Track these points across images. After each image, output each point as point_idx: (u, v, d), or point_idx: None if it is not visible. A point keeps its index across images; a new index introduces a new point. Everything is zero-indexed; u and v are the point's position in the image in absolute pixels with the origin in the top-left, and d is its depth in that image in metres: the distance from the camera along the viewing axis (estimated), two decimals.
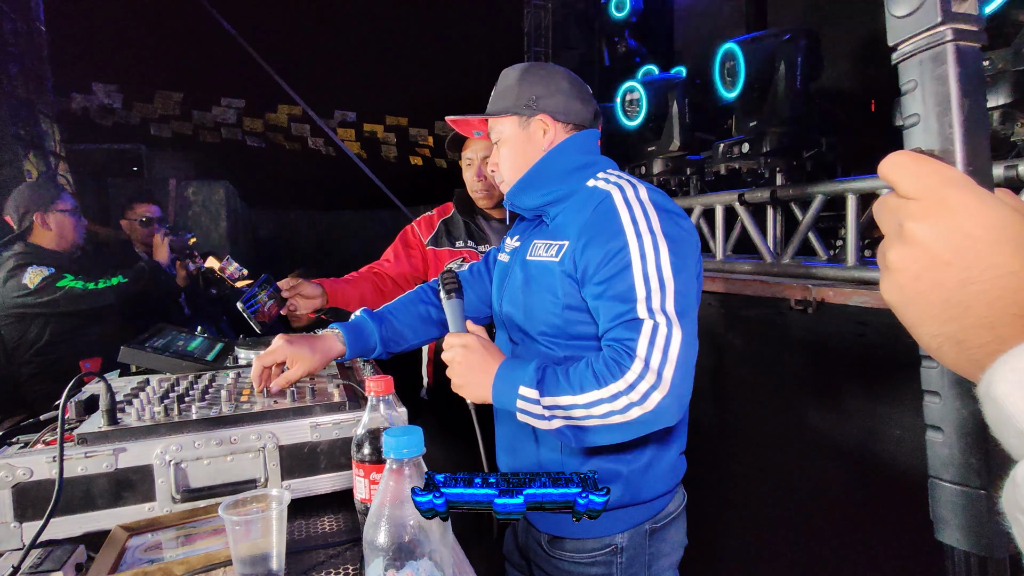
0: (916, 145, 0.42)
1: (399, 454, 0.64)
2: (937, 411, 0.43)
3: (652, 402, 0.99)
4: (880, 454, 1.68)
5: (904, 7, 0.41)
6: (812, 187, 2.33)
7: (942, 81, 0.40)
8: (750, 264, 2.55)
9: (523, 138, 1.25)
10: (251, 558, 0.83)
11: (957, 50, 0.40)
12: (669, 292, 1.03)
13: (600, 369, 1.01)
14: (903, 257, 0.39)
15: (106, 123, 6.47)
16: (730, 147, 2.48)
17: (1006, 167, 1.59)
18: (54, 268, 2.45)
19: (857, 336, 1.77)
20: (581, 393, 1.01)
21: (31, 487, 0.96)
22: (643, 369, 0.99)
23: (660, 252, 1.05)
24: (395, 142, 8.50)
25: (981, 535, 0.41)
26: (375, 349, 1.36)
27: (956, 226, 0.37)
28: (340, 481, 1.14)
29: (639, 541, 1.18)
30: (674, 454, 1.22)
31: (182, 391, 1.23)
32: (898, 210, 0.39)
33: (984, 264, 0.35)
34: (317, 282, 1.80)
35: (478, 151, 1.94)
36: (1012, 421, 0.31)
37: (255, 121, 7.64)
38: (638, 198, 1.11)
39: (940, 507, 0.43)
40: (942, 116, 0.40)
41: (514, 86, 1.24)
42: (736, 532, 2.32)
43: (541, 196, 1.23)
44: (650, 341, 1.00)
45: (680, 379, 1.00)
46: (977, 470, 0.41)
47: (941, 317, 0.37)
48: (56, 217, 2.60)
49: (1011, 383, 0.31)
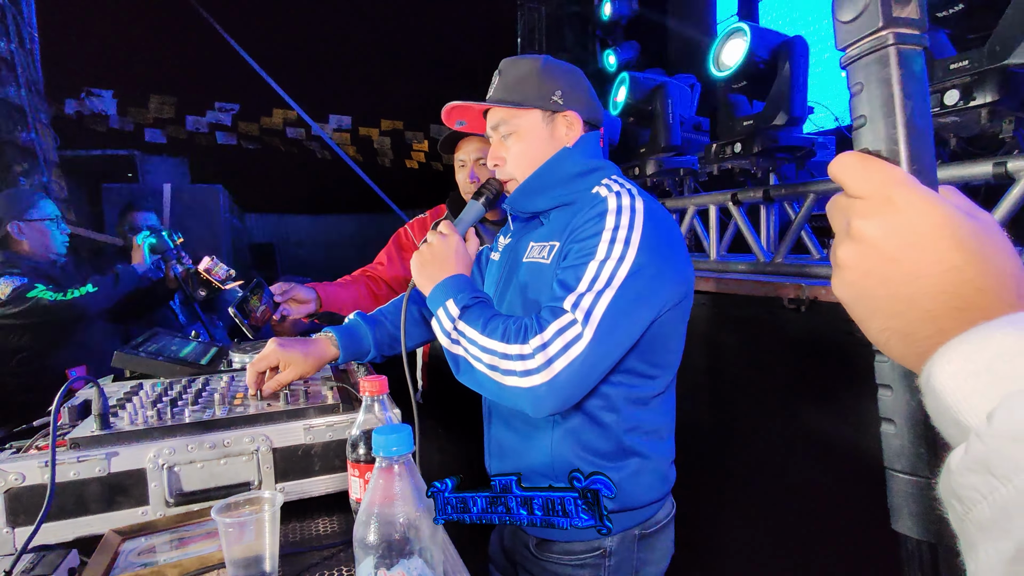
0: (864, 146, 0.43)
1: (388, 452, 0.64)
2: (889, 404, 0.44)
3: (530, 382, 0.98)
4: (873, 451, 1.68)
5: (849, 12, 0.42)
6: (804, 186, 2.34)
7: (886, 83, 0.41)
8: (744, 263, 2.56)
9: (544, 134, 1.21)
10: (244, 560, 0.83)
11: (899, 53, 0.41)
12: (604, 301, 1.00)
13: (513, 328, 1.02)
14: (852, 254, 0.40)
15: (100, 129, 6.46)
16: (722, 147, 2.48)
17: (995, 164, 1.60)
18: (27, 278, 2.42)
19: (847, 334, 1.78)
20: (488, 337, 1.03)
21: (23, 492, 0.95)
22: (539, 349, 0.98)
23: (622, 264, 1.02)
24: (390, 146, 8.50)
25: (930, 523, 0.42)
26: (369, 352, 1.36)
27: (901, 223, 0.38)
28: (334, 483, 1.14)
29: (628, 546, 1.18)
30: (665, 463, 1.21)
31: (175, 395, 1.23)
32: (847, 209, 0.41)
33: (928, 260, 0.37)
34: (310, 286, 1.80)
35: (471, 152, 1.93)
36: (949, 411, 0.32)
37: (250, 125, 7.63)
38: (632, 207, 1.08)
39: (894, 497, 0.45)
40: (887, 117, 0.41)
41: (535, 78, 1.19)
42: (727, 530, 2.33)
43: (550, 199, 1.21)
44: (558, 332, 0.99)
45: (567, 380, 0.98)
46: (926, 460, 0.42)
47: (888, 312, 0.38)
48: (31, 226, 2.57)
49: (948, 374, 0.32)
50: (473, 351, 1.04)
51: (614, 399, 1.13)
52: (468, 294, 1.10)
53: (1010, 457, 0.27)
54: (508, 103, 1.21)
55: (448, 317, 1.09)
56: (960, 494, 0.29)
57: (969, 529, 0.29)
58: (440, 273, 1.14)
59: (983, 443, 0.28)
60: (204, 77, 7.16)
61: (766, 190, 2.44)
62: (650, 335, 1.10)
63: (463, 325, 1.06)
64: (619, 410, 1.13)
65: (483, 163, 1.91)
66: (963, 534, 0.30)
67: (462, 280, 1.13)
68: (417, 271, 1.18)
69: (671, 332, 1.15)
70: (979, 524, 0.28)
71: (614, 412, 1.13)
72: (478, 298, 1.10)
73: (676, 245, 1.13)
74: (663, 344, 1.15)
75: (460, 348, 1.07)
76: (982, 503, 0.28)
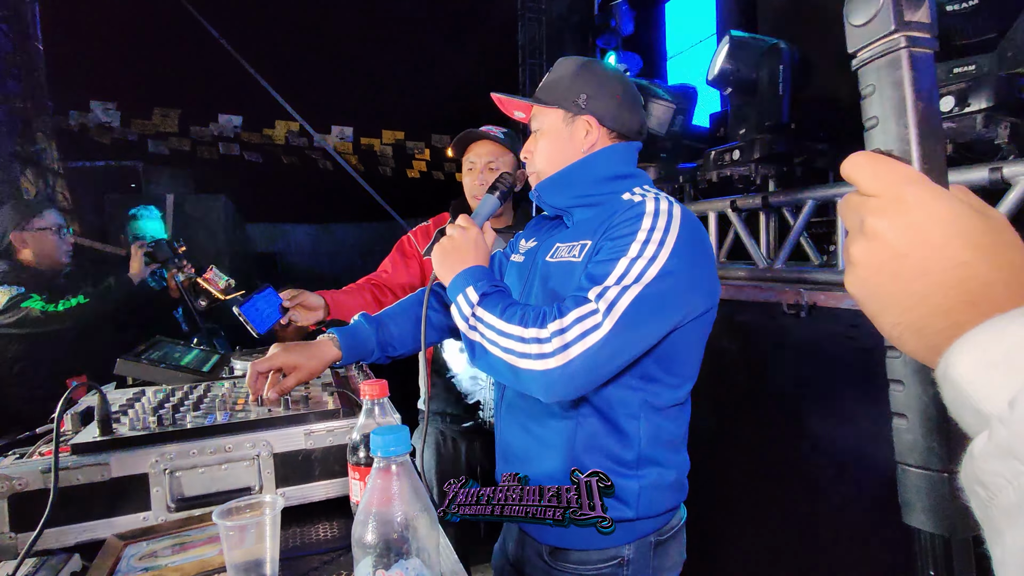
0: (876, 146, 0.44)
1: (386, 452, 0.65)
2: (901, 399, 0.45)
3: (544, 365, 0.99)
4: (875, 452, 1.69)
5: (861, 16, 0.44)
6: (803, 192, 2.36)
7: (897, 85, 0.42)
8: (744, 270, 2.57)
9: (564, 134, 1.24)
10: (245, 564, 0.84)
11: (910, 56, 0.42)
12: (629, 295, 1.01)
13: (532, 314, 1.04)
14: (865, 251, 0.41)
15: (104, 140, 6.50)
16: (721, 154, 2.50)
17: (991, 169, 1.61)
18: (24, 288, 2.43)
19: (848, 338, 1.78)
20: (506, 322, 1.04)
21: (26, 497, 0.96)
22: (557, 334, 0.99)
23: (653, 263, 1.03)
24: (392, 155, 8.53)
25: (944, 516, 0.43)
26: (373, 353, 1.35)
27: (913, 220, 0.39)
28: (335, 488, 1.15)
29: (644, 553, 1.16)
30: (682, 475, 1.21)
31: (177, 401, 1.24)
32: (859, 207, 0.41)
33: (939, 256, 0.38)
34: (319, 294, 1.80)
35: (482, 156, 1.94)
36: (968, 401, 0.32)
37: (253, 136, 7.68)
38: (670, 212, 1.09)
39: (906, 491, 0.45)
40: (899, 118, 0.43)
41: (567, 79, 1.23)
42: (732, 534, 2.32)
43: (572, 198, 1.24)
44: (578, 319, 1.00)
45: (581, 367, 0.99)
46: (938, 454, 0.43)
47: (901, 307, 0.39)
48: (33, 235, 2.58)
49: (966, 364, 0.33)
50: (490, 335, 1.06)
51: (635, 406, 1.13)
52: (488, 282, 1.13)
53: None
54: (540, 101, 1.25)
55: (467, 303, 1.11)
56: (984, 480, 0.30)
57: (994, 515, 0.29)
58: (460, 264, 1.17)
59: (1007, 428, 0.29)
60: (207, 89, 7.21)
61: (765, 197, 2.45)
62: (672, 343, 1.10)
63: (481, 311, 1.09)
64: (639, 417, 1.13)
65: (493, 167, 1.93)
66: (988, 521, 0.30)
67: (482, 269, 1.17)
68: (438, 263, 1.20)
69: (692, 343, 1.16)
70: (1005, 509, 0.28)
71: (635, 419, 1.13)
72: (497, 287, 1.13)
73: (707, 257, 1.14)
74: (684, 354, 1.15)
75: (477, 334, 1.08)
76: (1007, 488, 0.28)
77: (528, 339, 1.01)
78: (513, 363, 1.03)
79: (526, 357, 1.01)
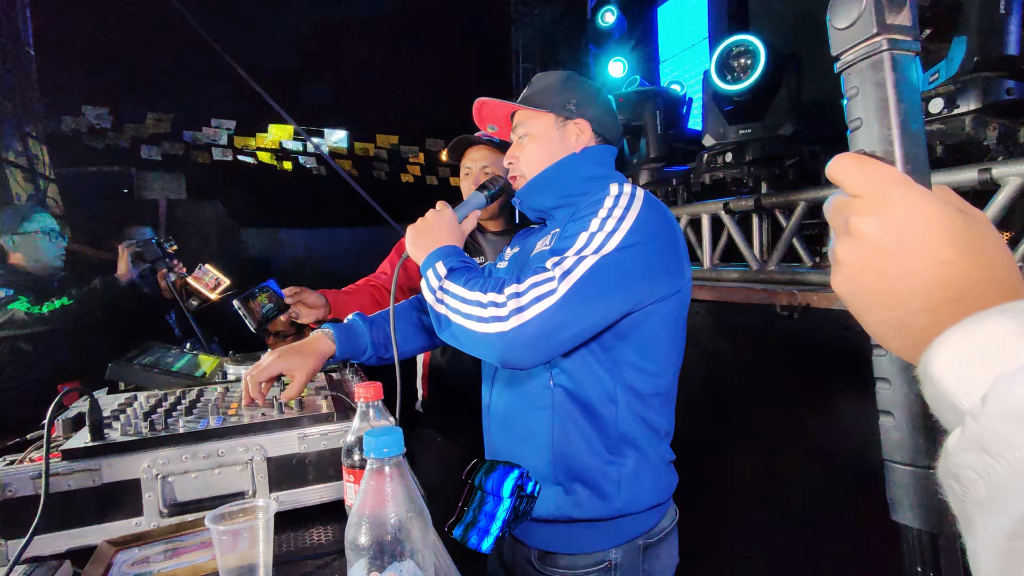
0: (860, 147, 0.45)
1: (379, 453, 0.65)
2: (888, 396, 0.45)
3: (498, 328, 1.02)
4: (868, 450, 1.69)
5: (844, 20, 0.44)
6: (795, 194, 2.37)
7: (880, 87, 0.43)
8: (737, 272, 2.58)
9: (555, 137, 1.27)
10: (238, 569, 0.83)
11: (892, 58, 0.43)
12: (585, 265, 1.03)
13: (492, 282, 1.07)
14: (850, 251, 0.41)
15: (96, 145, 6.48)
16: (713, 156, 2.51)
17: (980, 171, 1.63)
18: (13, 290, 2.42)
19: (840, 339, 1.79)
20: (468, 290, 1.07)
21: (16, 504, 0.95)
22: (512, 297, 1.02)
23: (612, 237, 1.06)
24: (386, 160, 8.54)
25: (931, 513, 0.43)
26: (366, 352, 1.35)
27: (897, 220, 0.39)
28: (329, 492, 1.14)
29: (633, 557, 1.17)
30: (663, 463, 1.21)
31: (169, 406, 1.23)
32: (844, 208, 0.42)
33: (921, 254, 0.38)
34: (320, 293, 1.79)
35: (477, 160, 1.94)
36: (946, 397, 0.33)
37: (246, 141, 7.66)
38: (632, 194, 1.12)
39: (894, 489, 0.45)
40: (881, 120, 0.43)
41: (556, 87, 1.28)
42: (728, 535, 2.32)
43: (555, 198, 1.26)
44: (534, 284, 1.03)
45: (535, 331, 1.01)
46: (924, 450, 0.43)
47: (886, 305, 0.40)
48: (26, 239, 2.57)
49: (943, 361, 0.33)
50: (454, 304, 1.09)
51: (611, 391, 1.14)
52: (457, 258, 1.16)
53: (1003, 435, 0.28)
54: (529, 103, 1.29)
55: (436, 276, 1.14)
56: (958, 474, 0.30)
57: (967, 508, 0.30)
58: (433, 244, 1.20)
59: (977, 423, 0.29)
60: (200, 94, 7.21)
61: (757, 199, 2.46)
62: (640, 325, 1.12)
63: (448, 283, 1.12)
64: (617, 401, 1.14)
65: (488, 172, 1.93)
66: (962, 514, 0.30)
67: (453, 248, 1.20)
68: (411, 242, 1.23)
69: (665, 326, 1.16)
70: (977, 502, 0.29)
71: (613, 404, 1.14)
72: (466, 263, 1.16)
73: (669, 236, 1.14)
74: (657, 337, 1.15)
75: (443, 306, 1.11)
76: (978, 482, 0.29)
77: (486, 303, 1.04)
78: (471, 328, 1.05)
79: (482, 321, 1.04)
